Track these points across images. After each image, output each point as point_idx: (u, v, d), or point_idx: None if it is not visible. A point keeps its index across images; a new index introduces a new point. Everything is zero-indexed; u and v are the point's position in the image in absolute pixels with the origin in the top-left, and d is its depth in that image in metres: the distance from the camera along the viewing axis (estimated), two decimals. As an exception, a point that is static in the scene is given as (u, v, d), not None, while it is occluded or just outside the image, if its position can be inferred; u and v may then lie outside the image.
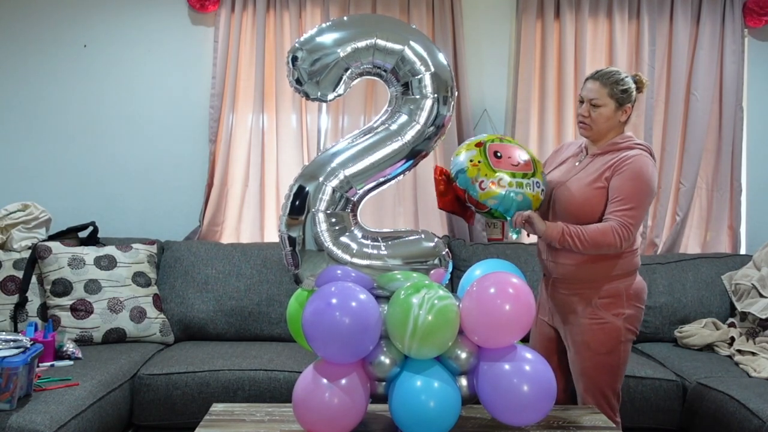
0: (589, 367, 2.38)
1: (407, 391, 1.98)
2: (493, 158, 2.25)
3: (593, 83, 2.38)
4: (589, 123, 2.40)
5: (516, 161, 2.27)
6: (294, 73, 2.05)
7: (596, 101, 2.37)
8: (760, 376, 2.91)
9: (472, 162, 2.24)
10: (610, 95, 2.36)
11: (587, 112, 2.39)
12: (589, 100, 2.38)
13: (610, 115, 2.38)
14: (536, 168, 2.31)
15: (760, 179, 3.93)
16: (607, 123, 2.39)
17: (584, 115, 2.40)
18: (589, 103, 2.38)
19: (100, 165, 3.81)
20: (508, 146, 2.31)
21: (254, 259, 3.54)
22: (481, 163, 2.24)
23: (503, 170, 2.23)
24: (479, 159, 2.24)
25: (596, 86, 2.37)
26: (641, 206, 2.32)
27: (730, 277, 3.57)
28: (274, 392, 2.89)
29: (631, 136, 2.44)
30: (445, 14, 3.74)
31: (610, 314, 2.37)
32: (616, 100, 2.37)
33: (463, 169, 2.25)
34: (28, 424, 2.24)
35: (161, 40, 3.82)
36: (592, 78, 2.40)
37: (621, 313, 2.38)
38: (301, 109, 3.78)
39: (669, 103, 3.82)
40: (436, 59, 2.09)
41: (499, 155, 2.26)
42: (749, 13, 3.81)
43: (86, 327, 3.17)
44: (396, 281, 2.06)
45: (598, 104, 2.37)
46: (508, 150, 2.29)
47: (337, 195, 2.04)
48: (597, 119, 2.38)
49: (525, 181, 2.25)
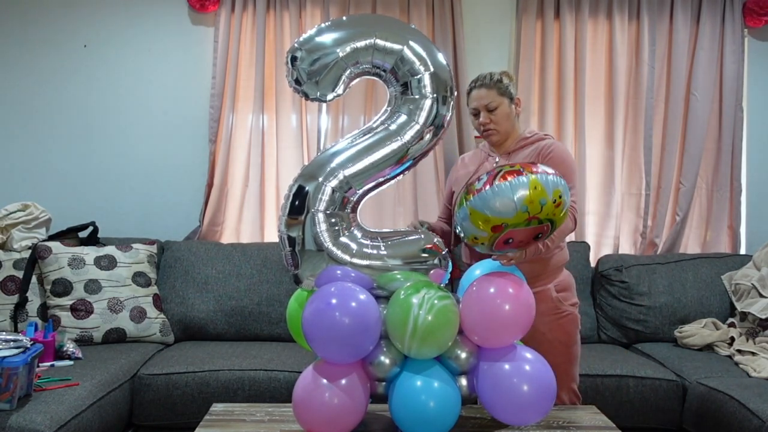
0: (563, 362, 2.41)
1: (407, 391, 1.98)
2: (502, 245, 2.02)
3: (479, 91, 2.44)
4: (494, 128, 2.45)
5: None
6: (293, 73, 2.05)
7: (491, 104, 2.43)
8: (760, 376, 2.91)
9: (477, 239, 2.02)
10: (500, 94, 2.43)
11: (488, 119, 2.44)
12: (485, 107, 2.44)
13: (508, 112, 2.45)
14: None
15: (760, 179, 3.93)
16: (508, 121, 2.46)
17: (486, 122, 2.45)
18: (486, 110, 2.44)
19: (100, 165, 3.82)
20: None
21: (254, 259, 3.54)
22: (484, 245, 2.03)
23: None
24: (483, 242, 2.02)
25: (483, 92, 2.43)
26: (575, 185, 2.39)
27: (730, 277, 3.57)
28: (274, 392, 2.89)
29: (534, 129, 2.54)
30: (445, 14, 3.74)
31: (568, 305, 2.45)
32: (507, 95, 2.44)
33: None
34: (28, 424, 2.24)
35: (161, 40, 3.82)
36: (475, 88, 2.46)
37: (575, 303, 2.49)
38: (301, 109, 3.78)
39: (669, 103, 3.82)
40: (435, 59, 2.09)
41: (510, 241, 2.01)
42: (749, 13, 3.81)
43: (86, 327, 3.17)
44: (396, 281, 2.06)
45: (494, 106, 2.43)
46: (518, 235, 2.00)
47: (336, 195, 2.03)
48: (499, 121, 2.44)
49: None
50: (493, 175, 1.93)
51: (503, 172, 1.91)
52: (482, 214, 1.91)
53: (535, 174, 1.89)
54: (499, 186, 1.89)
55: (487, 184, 1.90)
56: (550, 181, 1.90)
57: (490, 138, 2.49)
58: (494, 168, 2.01)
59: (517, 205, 1.87)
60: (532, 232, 1.96)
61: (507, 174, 1.90)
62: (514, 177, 1.89)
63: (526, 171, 1.90)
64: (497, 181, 1.90)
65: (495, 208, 1.89)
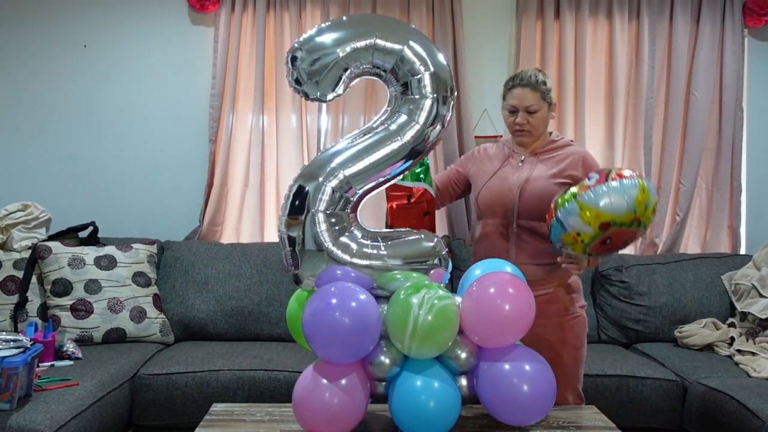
0: (571, 363, 2.42)
1: (407, 391, 1.97)
2: (599, 246, 2.09)
3: (523, 90, 2.36)
4: (529, 129, 2.39)
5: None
6: (293, 73, 2.05)
7: (532, 107, 2.37)
8: (760, 376, 2.91)
9: (579, 236, 2.07)
10: (542, 98, 2.38)
11: (525, 120, 2.38)
12: (525, 108, 2.37)
13: (545, 117, 2.41)
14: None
15: (760, 179, 3.93)
16: (543, 125, 2.42)
17: (523, 123, 2.39)
18: (525, 111, 2.37)
19: (100, 165, 3.82)
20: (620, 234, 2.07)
21: (254, 259, 3.54)
22: (583, 243, 2.08)
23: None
24: (584, 239, 2.07)
25: (527, 93, 2.36)
26: None
27: (730, 277, 3.57)
28: (274, 392, 2.89)
29: (555, 132, 2.50)
30: (445, 14, 3.74)
31: (578, 307, 2.45)
32: (548, 100, 2.40)
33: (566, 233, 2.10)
34: (28, 424, 2.24)
35: (161, 40, 3.82)
36: (519, 86, 2.38)
37: (583, 305, 2.48)
38: (301, 109, 3.78)
39: (669, 103, 3.82)
40: (435, 59, 2.08)
41: (608, 242, 2.08)
42: (749, 13, 3.81)
43: (86, 327, 3.17)
44: (396, 281, 2.06)
45: (535, 110, 2.37)
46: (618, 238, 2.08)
47: (336, 195, 2.03)
48: (536, 124, 2.39)
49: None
50: (604, 174, 2.04)
51: (614, 172, 2.04)
52: (594, 209, 2.00)
53: (642, 178, 2.03)
54: (613, 184, 2.00)
55: (600, 182, 2.02)
56: (652, 188, 2.04)
57: (521, 138, 2.43)
58: (602, 170, 2.10)
59: (629, 204, 1.98)
60: (629, 235, 2.06)
61: (618, 175, 2.02)
62: (626, 178, 2.01)
63: (634, 174, 2.04)
64: (611, 180, 2.01)
65: (608, 204, 1.99)
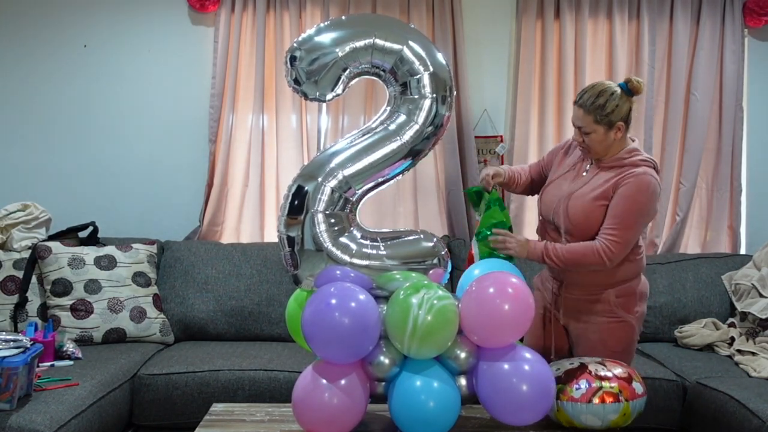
0: None
1: (407, 391, 1.98)
2: None
3: (578, 110, 2.31)
4: (585, 146, 2.34)
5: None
6: (292, 72, 2.05)
7: (584, 129, 2.30)
8: (760, 376, 2.91)
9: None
10: (595, 122, 2.28)
11: (581, 138, 2.33)
12: (578, 128, 2.32)
13: (602, 139, 2.30)
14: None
15: (760, 179, 3.93)
16: (602, 145, 2.32)
17: (580, 140, 2.35)
18: (579, 130, 2.32)
19: (100, 165, 3.82)
20: None
21: (254, 259, 3.54)
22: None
23: None
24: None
25: (580, 114, 2.30)
26: (633, 227, 2.28)
27: (730, 277, 3.57)
28: (274, 392, 2.89)
29: (637, 150, 2.36)
30: (445, 15, 3.73)
31: (626, 312, 2.38)
32: (604, 124, 2.28)
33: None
34: (28, 424, 2.24)
35: (161, 40, 3.82)
36: (576, 104, 2.32)
37: (635, 311, 2.40)
38: (301, 109, 3.78)
39: (669, 103, 3.82)
40: (434, 59, 2.09)
41: None
42: (749, 13, 3.81)
43: (86, 327, 3.17)
44: (395, 281, 2.06)
45: (587, 131, 2.30)
46: None
47: (335, 195, 2.04)
48: (591, 144, 2.32)
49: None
50: (592, 391, 2.09)
51: (603, 392, 2.09)
52: (569, 418, 2.12)
53: (629, 401, 2.09)
54: (594, 406, 2.08)
55: (584, 399, 2.08)
56: (638, 406, 2.12)
57: (583, 153, 2.39)
58: (594, 377, 2.12)
59: (603, 425, 2.10)
60: None
61: (606, 395, 2.08)
62: (610, 402, 2.08)
63: (623, 396, 2.09)
64: (595, 400, 2.08)
65: (582, 421, 2.10)
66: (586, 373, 2.12)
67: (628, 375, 2.13)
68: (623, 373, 2.13)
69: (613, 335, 2.38)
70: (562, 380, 2.12)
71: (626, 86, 2.30)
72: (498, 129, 3.85)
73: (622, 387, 2.09)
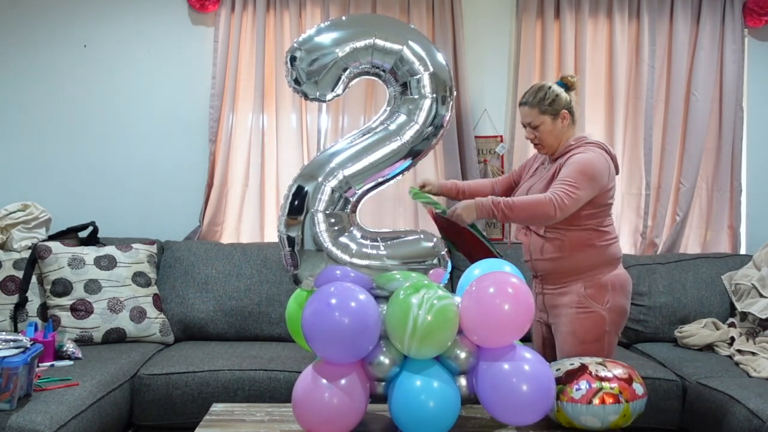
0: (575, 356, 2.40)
1: (407, 391, 1.98)
2: None
3: (523, 108, 2.54)
4: (539, 142, 2.55)
5: None
6: (292, 73, 2.06)
7: (533, 122, 2.52)
8: (760, 376, 2.91)
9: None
10: (541, 113, 2.50)
11: (533, 135, 2.54)
12: (528, 124, 2.54)
13: (551, 128, 2.52)
14: None
15: (760, 179, 3.93)
16: (551, 135, 2.52)
17: (531, 137, 2.56)
18: (530, 126, 2.53)
19: (100, 165, 3.82)
20: None
21: (254, 259, 3.54)
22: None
23: None
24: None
25: (526, 110, 2.53)
26: (582, 186, 2.37)
27: (730, 277, 3.57)
28: (274, 392, 2.89)
29: (584, 137, 2.55)
30: (445, 14, 3.74)
31: (596, 303, 2.45)
32: (549, 114, 2.50)
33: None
34: (28, 424, 2.24)
35: (161, 40, 3.82)
36: (521, 104, 2.55)
37: (606, 301, 2.46)
38: (301, 109, 3.78)
39: (669, 103, 3.82)
40: (434, 59, 2.09)
41: None
42: (749, 13, 3.81)
43: (86, 327, 3.17)
44: (395, 281, 2.06)
45: (536, 124, 2.51)
46: None
47: (336, 195, 2.04)
48: (543, 137, 2.53)
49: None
50: (592, 392, 2.09)
51: (603, 392, 2.09)
52: (569, 419, 2.12)
53: (629, 402, 2.10)
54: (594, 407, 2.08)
55: (584, 400, 2.08)
56: (638, 407, 2.12)
57: (538, 150, 2.61)
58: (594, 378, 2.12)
59: (603, 426, 2.10)
60: None
61: (606, 396, 2.09)
62: (610, 403, 2.08)
63: (624, 397, 2.10)
64: (595, 400, 2.08)
65: (582, 422, 2.11)
66: (586, 373, 2.12)
67: (628, 376, 2.13)
68: (624, 373, 2.13)
69: (582, 325, 2.44)
70: (562, 381, 2.13)
71: (562, 83, 2.56)
72: (498, 129, 3.85)
73: (623, 388, 2.10)
